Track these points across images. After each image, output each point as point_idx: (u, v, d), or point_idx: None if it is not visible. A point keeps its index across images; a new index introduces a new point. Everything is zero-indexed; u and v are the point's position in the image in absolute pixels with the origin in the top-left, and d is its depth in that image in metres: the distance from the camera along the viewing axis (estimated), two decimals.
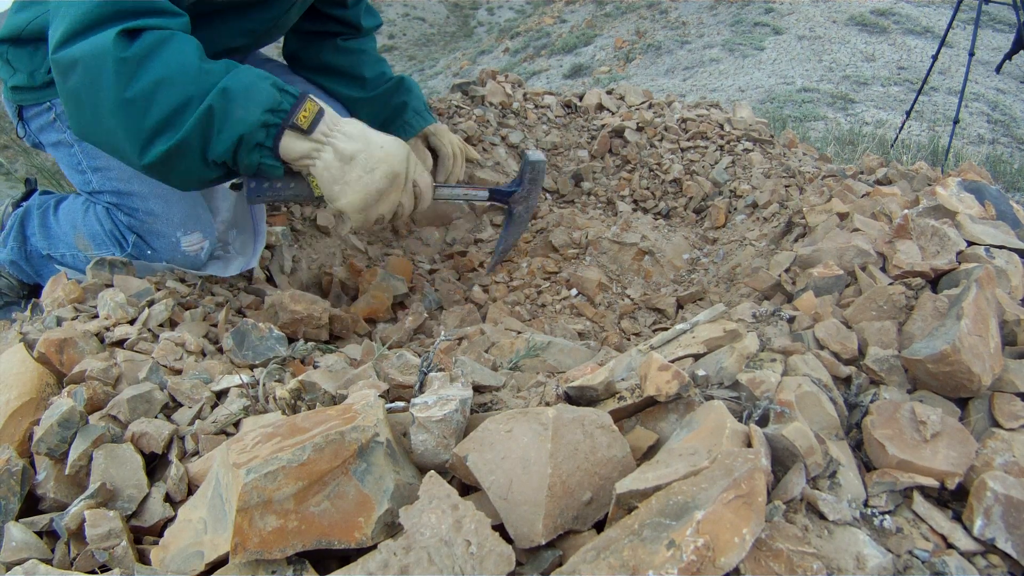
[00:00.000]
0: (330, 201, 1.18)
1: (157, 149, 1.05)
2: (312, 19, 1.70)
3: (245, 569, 0.64)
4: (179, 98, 1.04)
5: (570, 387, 0.85)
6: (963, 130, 5.78)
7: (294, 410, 0.87)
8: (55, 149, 1.45)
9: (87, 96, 1.04)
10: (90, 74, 1.02)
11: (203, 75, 1.05)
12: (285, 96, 1.10)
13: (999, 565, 0.68)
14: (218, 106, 1.05)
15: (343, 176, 1.15)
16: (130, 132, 1.05)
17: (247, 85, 1.07)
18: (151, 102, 1.03)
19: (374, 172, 1.15)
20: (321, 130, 1.12)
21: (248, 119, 1.06)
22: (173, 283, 1.30)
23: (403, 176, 1.20)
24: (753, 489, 0.58)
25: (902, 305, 0.98)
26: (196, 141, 1.06)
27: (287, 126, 1.09)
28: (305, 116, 1.11)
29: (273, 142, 1.09)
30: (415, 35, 16.13)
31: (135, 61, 1.02)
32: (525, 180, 1.58)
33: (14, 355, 1.00)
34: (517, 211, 1.62)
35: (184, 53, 1.05)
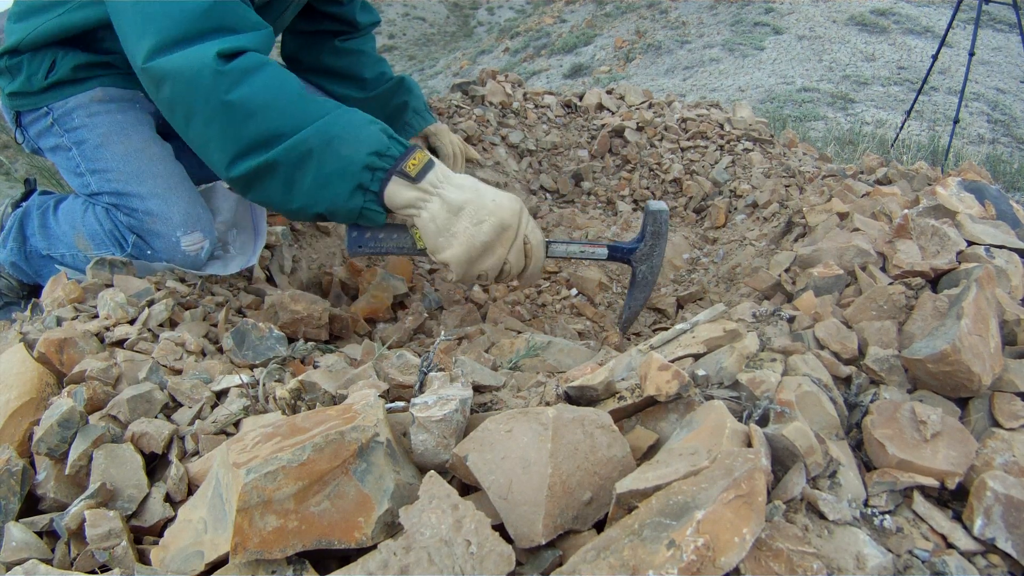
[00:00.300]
0: (433, 253, 1.15)
1: (245, 165, 1.04)
2: (308, 19, 1.70)
3: (245, 569, 0.64)
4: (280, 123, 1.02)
5: (570, 387, 0.85)
6: (963, 130, 5.78)
7: (294, 410, 0.87)
8: (53, 153, 1.46)
9: (183, 103, 1.04)
10: (187, 83, 1.02)
11: (307, 105, 1.04)
12: (394, 143, 1.09)
13: (999, 565, 0.68)
14: (319, 139, 1.03)
15: (449, 227, 1.10)
16: (226, 140, 1.04)
17: (354, 124, 1.06)
18: (253, 115, 1.02)
19: (482, 224, 1.10)
20: (430, 180, 1.09)
21: (353, 158, 1.04)
22: (173, 283, 1.30)
23: (513, 230, 1.14)
24: (753, 489, 0.58)
25: (902, 305, 0.98)
26: (285, 168, 1.04)
27: (395, 172, 1.07)
28: (414, 164, 1.08)
29: (379, 186, 1.07)
30: (415, 35, 16.13)
31: (238, 73, 1.01)
32: (647, 234, 1.35)
33: (14, 355, 1.00)
34: (640, 271, 1.38)
35: (287, 82, 1.05)
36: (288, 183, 1.06)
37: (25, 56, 1.36)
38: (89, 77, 1.37)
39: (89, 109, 1.38)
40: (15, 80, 1.38)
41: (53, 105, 1.39)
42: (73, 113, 1.39)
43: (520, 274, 1.21)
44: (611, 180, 2.16)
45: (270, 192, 1.09)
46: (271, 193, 1.09)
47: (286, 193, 1.08)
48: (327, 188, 1.06)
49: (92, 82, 1.37)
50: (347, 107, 1.11)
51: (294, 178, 1.06)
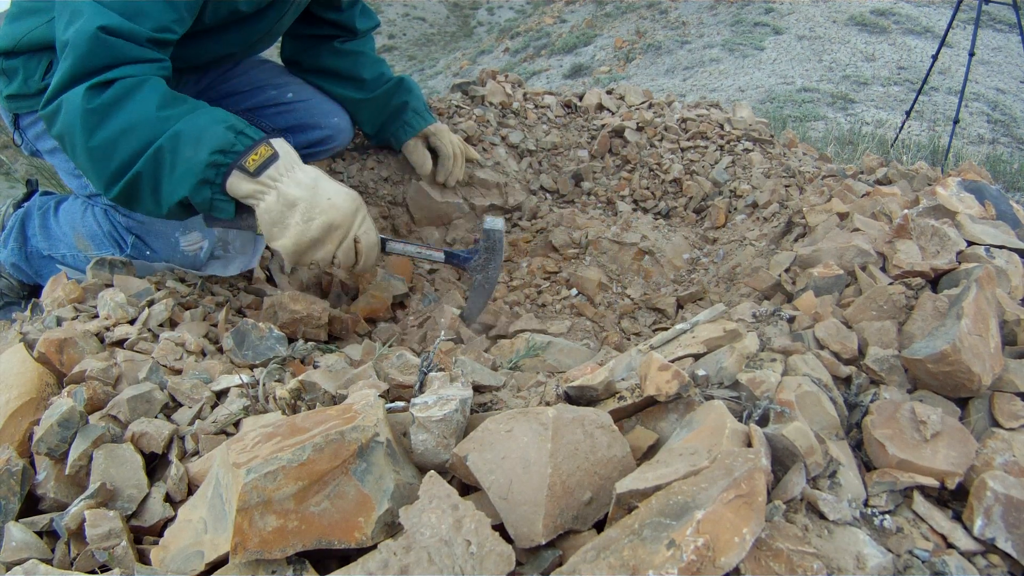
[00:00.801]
0: (268, 240, 1.22)
1: (117, 187, 1.16)
2: (308, 23, 1.70)
3: (245, 569, 0.64)
4: (136, 145, 1.13)
5: (570, 387, 0.85)
6: (963, 130, 5.78)
7: (294, 410, 0.87)
8: (52, 156, 1.46)
9: (67, 141, 1.16)
10: (65, 125, 1.14)
11: (160, 122, 1.13)
12: (240, 138, 1.16)
13: (999, 565, 0.68)
14: (168, 146, 1.13)
15: (282, 220, 1.18)
16: (97, 173, 1.17)
17: (200, 127, 1.14)
18: (113, 149, 1.13)
19: (311, 222, 1.18)
20: (269, 174, 1.16)
21: (196, 159, 1.13)
22: (173, 283, 1.30)
23: (342, 230, 1.22)
24: (753, 489, 0.58)
25: (902, 305, 0.98)
26: (148, 178, 1.15)
27: (235, 167, 1.14)
28: (255, 159, 1.16)
29: (222, 180, 1.15)
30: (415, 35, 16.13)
31: (100, 111, 1.12)
32: (481, 249, 1.47)
33: (14, 355, 1.00)
34: (476, 279, 1.49)
35: (146, 102, 1.14)
36: (154, 189, 1.16)
37: (22, 58, 1.36)
38: None
39: None
40: (12, 82, 1.38)
41: None
42: None
43: (351, 267, 1.31)
44: (611, 180, 2.16)
45: (145, 202, 1.18)
46: (146, 203, 1.18)
47: (156, 199, 1.17)
48: (179, 187, 1.15)
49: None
50: (204, 109, 1.19)
51: (157, 183, 1.15)
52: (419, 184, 1.90)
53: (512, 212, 2.04)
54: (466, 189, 1.98)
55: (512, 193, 2.02)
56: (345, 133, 1.81)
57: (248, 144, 1.15)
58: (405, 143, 1.82)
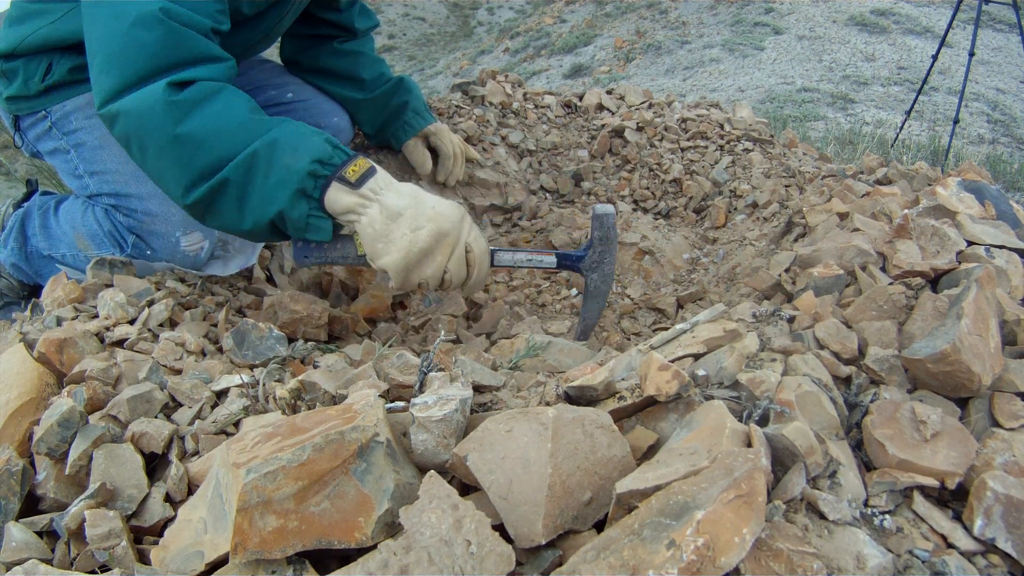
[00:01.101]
0: (372, 259, 1.14)
1: (199, 191, 1.07)
2: (307, 23, 1.70)
3: (245, 569, 0.64)
4: (228, 148, 1.05)
5: (570, 387, 0.85)
6: (963, 130, 5.78)
7: (294, 410, 0.87)
8: (52, 157, 1.46)
9: (136, 139, 1.07)
10: (138, 119, 1.05)
11: (253, 126, 1.06)
12: (337, 152, 1.10)
13: (999, 565, 0.68)
14: (263, 152, 1.05)
15: (387, 233, 1.10)
16: (178, 171, 1.07)
17: (298, 136, 1.08)
18: (200, 147, 1.04)
19: (419, 231, 1.09)
20: (370, 186, 1.10)
21: (295, 166, 1.06)
22: (173, 283, 1.30)
23: (452, 238, 1.13)
24: (753, 489, 0.58)
25: (902, 305, 0.98)
26: (236, 186, 1.07)
27: (335, 178, 1.08)
28: (355, 170, 1.09)
29: (320, 193, 1.08)
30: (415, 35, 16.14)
31: (186, 105, 1.04)
32: (595, 240, 1.29)
33: (14, 355, 1.00)
34: (591, 280, 1.31)
35: (234, 106, 1.07)
36: (240, 199, 1.08)
37: (21, 60, 1.36)
38: (86, 79, 1.37)
39: (87, 111, 1.38)
40: (12, 84, 1.38)
41: (51, 108, 1.39)
42: (71, 116, 1.39)
43: (463, 283, 1.20)
44: (611, 180, 2.16)
45: (225, 213, 1.10)
46: (226, 214, 1.11)
47: (239, 210, 1.09)
48: (273, 198, 1.07)
49: (88, 84, 1.37)
50: (294, 121, 1.13)
51: (244, 192, 1.08)
52: (419, 184, 1.90)
53: (512, 212, 2.04)
54: (466, 189, 1.98)
55: (512, 193, 2.02)
56: (345, 133, 1.81)
57: (345, 158, 1.10)
58: (405, 143, 1.82)
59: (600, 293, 1.33)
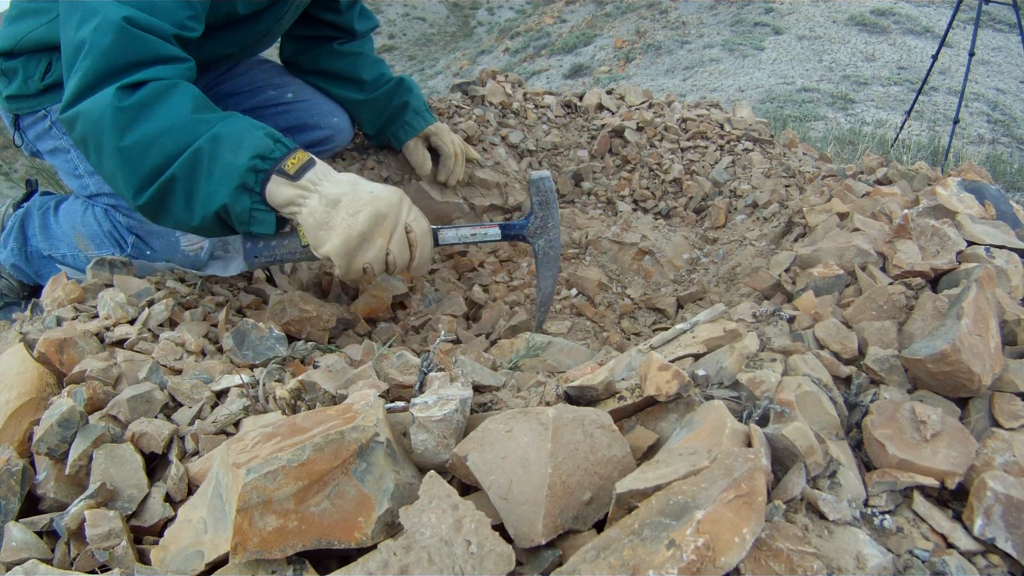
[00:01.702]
0: (315, 249, 1.16)
1: (148, 193, 1.10)
2: (306, 25, 1.70)
3: (245, 569, 0.64)
4: (172, 148, 1.08)
5: (570, 387, 0.85)
6: (963, 130, 5.78)
7: (294, 410, 0.87)
8: (52, 156, 1.46)
9: (92, 143, 1.10)
10: (93, 125, 1.08)
11: (197, 124, 1.09)
12: (278, 145, 1.12)
13: (999, 565, 0.68)
14: (207, 149, 1.08)
15: (327, 220, 1.12)
16: (127, 177, 1.10)
17: (239, 132, 1.10)
18: (146, 152, 1.08)
19: (358, 215, 1.12)
20: (309, 177, 1.12)
21: (237, 162, 1.08)
22: (173, 283, 1.30)
23: (391, 220, 1.16)
24: (753, 489, 0.58)
25: (902, 305, 0.98)
26: (182, 183, 1.09)
27: (274, 171, 1.10)
28: (293, 163, 1.12)
29: (261, 187, 1.10)
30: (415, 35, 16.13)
31: (133, 111, 1.07)
32: (534, 205, 1.31)
33: (14, 355, 1.00)
34: (539, 247, 1.33)
35: (179, 105, 1.09)
36: (187, 195, 1.11)
37: (21, 59, 1.36)
38: None
39: None
40: (12, 83, 1.38)
41: (51, 108, 1.39)
42: None
43: (408, 264, 1.22)
44: (611, 180, 2.16)
45: (175, 211, 1.13)
46: (176, 211, 1.13)
47: (187, 207, 1.12)
48: (217, 193, 1.09)
49: None
50: (238, 116, 1.15)
51: (191, 188, 1.10)
52: (419, 184, 1.90)
53: (512, 212, 2.04)
54: (466, 189, 1.98)
55: (512, 193, 2.02)
56: (345, 133, 1.81)
57: (284, 151, 1.12)
58: (405, 143, 1.82)
59: (550, 259, 1.34)
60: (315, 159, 1.15)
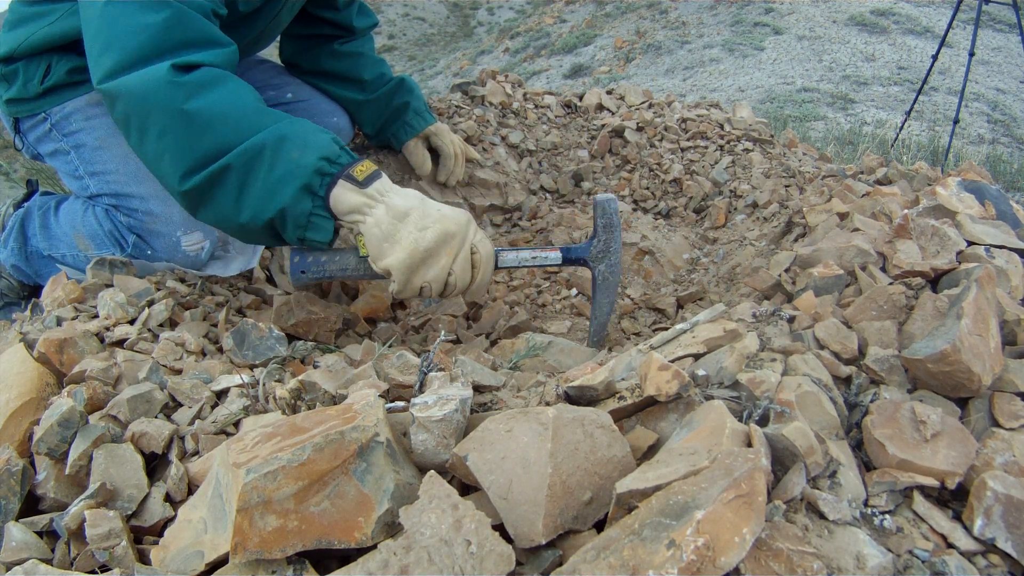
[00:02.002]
0: (375, 260, 1.12)
1: (198, 177, 1.04)
2: (304, 23, 1.70)
3: (245, 569, 0.64)
4: (233, 135, 1.02)
5: (570, 387, 0.85)
6: (963, 130, 5.78)
7: (294, 410, 0.87)
8: (53, 158, 1.46)
9: (135, 121, 1.04)
10: (140, 100, 1.02)
11: (262, 115, 1.05)
12: (344, 152, 1.09)
13: (999, 565, 0.68)
14: (271, 144, 1.03)
15: (393, 233, 1.08)
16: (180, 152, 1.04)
17: (306, 132, 1.06)
18: (208, 128, 1.02)
19: (426, 231, 1.08)
20: (376, 187, 1.09)
21: (303, 161, 1.04)
22: (173, 283, 1.30)
23: (458, 239, 1.11)
24: (753, 489, 0.58)
25: (902, 305, 0.98)
26: (237, 174, 1.04)
27: (342, 176, 1.06)
28: (362, 170, 1.08)
29: (326, 191, 1.06)
30: (415, 35, 16.13)
31: (193, 85, 1.01)
32: (598, 229, 1.27)
33: (14, 355, 1.00)
34: (599, 271, 1.28)
35: (242, 94, 1.05)
36: (240, 188, 1.05)
37: (20, 63, 1.36)
38: (85, 80, 1.37)
39: (86, 112, 1.38)
40: (12, 87, 1.38)
41: (51, 110, 1.40)
42: (71, 117, 1.39)
43: (467, 287, 1.18)
44: (611, 180, 2.16)
45: (222, 204, 1.07)
46: (223, 205, 1.07)
47: (237, 202, 1.06)
48: (276, 192, 1.04)
49: (88, 85, 1.37)
50: (302, 119, 1.11)
51: (246, 182, 1.04)
52: (419, 184, 1.90)
53: (512, 212, 2.04)
54: (466, 189, 1.98)
55: (512, 193, 2.02)
56: (345, 133, 1.81)
57: (351, 159, 1.09)
58: (405, 143, 1.82)
59: (610, 284, 1.30)
60: (380, 171, 1.12)
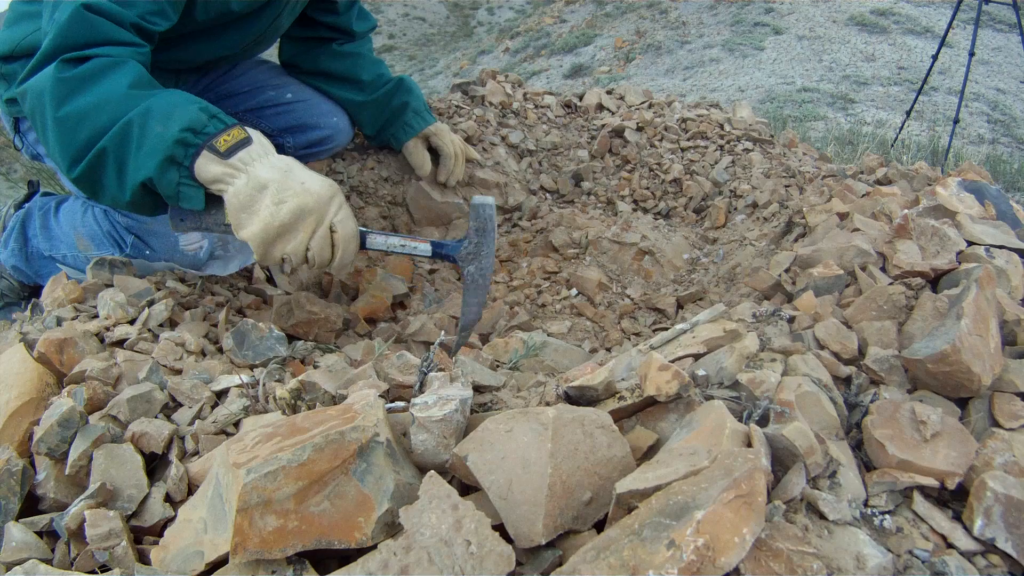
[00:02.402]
0: (236, 230, 1.13)
1: (81, 165, 1.08)
2: (304, 26, 1.70)
3: (245, 569, 0.64)
4: (105, 120, 1.06)
5: (570, 387, 0.85)
6: (963, 130, 5.77)
7: (294, 410, 0.87)
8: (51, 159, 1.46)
9: (37, 116, 1.11)
10: (36, 98, 1.09)
11: (132, 98, 1.08)
12: (213, 121, 1.09)
13: (999, 565, 0.68)
14: (137, 121, 1.06)
15: (251, 204, 1.09)
16: (62, 149, 1.09)
17: (172, 105, 1.08)
18: (80, 123, 1.07)
19: (282, 205, 1.09)
20: (241, 156, 1.09)
21: (165, 135, 1.05)
22: (173, 283, 1.30)
23: (315, 216, 1.12)
24: (753, 489, 0.58)
25: (902, 305, 0.98)
26: (113, 155, 1.07)
27: (205, 147, 1.07)
28: (226, 140, 1.09)
29: (191, 161, 1.08)
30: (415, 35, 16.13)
31: (72, 82, 1.07)
32: (471, 231, 1.26)
33: (14, 355, 1.00)
34: (468, 272, 1.28)
35: (118, 80, 1.09)
36: (119, 168, 1.09)
37: (20, 62, 1.35)
38: None
39: None
40: (12, 86, 1.37)
41: None
42: None
43: (327, 264, 1.19)
44: (611, 180, 2.16)
45: (108, 186, 1.11)
46: (109, 187, 1.11)
47: (119, 181, 1.10)
48: (143, 165, 1.07)
49: None
50: (177, 92, 1.12)
51: (122, 161, 1.08)
52: (419, 184, 1.90)
53: (512, 212, 2.04)
54: (466, 189, 1.98)
55: (512, 193, 2.02)
56: (344, 133, 1.81)
57: (220, 127, 1.09)
58: (405, 143, 1.82)
59: (478, 286, 1.28)
60: (253, 137, 1.11)
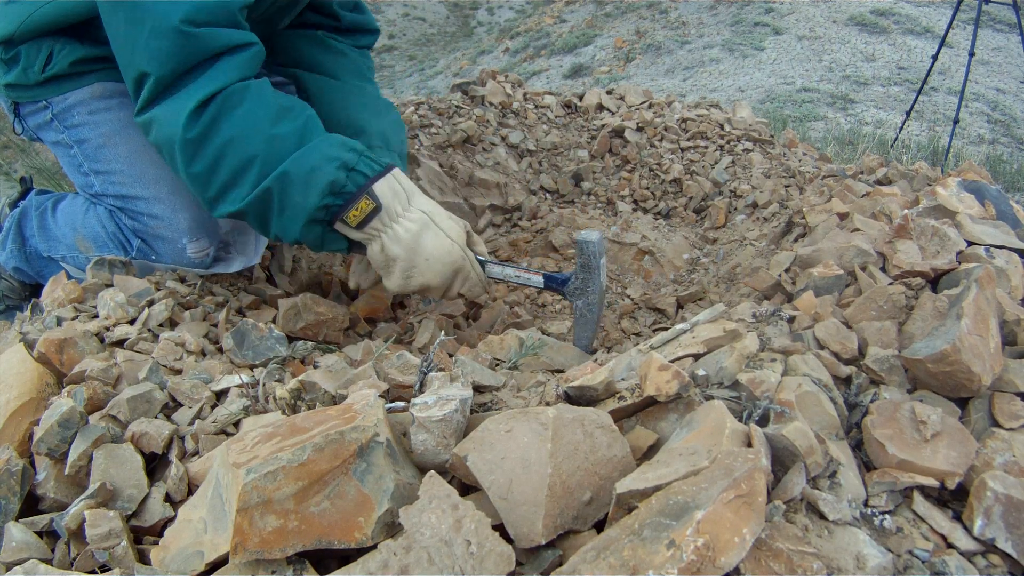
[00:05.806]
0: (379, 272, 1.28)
1: (224, 209, 1.18)
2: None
3: (245, 569, 0.64)
4: (241, 160, 1.12)
5: (570, 387, 0.85)
6: (963, 130, 5.77)
7: (294, 410, 0.87)
8: (55, 148, 1.43)
9: (166, 154, 1.17)
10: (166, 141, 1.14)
11: (272, 141, 1.12)
12: (352, 176, 1.15)
13: (999, 565, 0.68)
14: (276, 188, 1.13)
15: (386, 267, 1.25)
16: (200, 191, 1.18)
17: (310, 168, 1.13)
18: (215, 170, 1.13)
19: (410, 280, 1.24)
20: (373, 226, 1.20)
21: (305, 204, 1.14)
22: (173, 283, 1.30)
23: (443, 287, 1.27)
24: (753, 489, 0.58)
25: (902, 305, 0.98)
26: (255, 217, 1.18)
27: (339, 219, 1.18)
28: (355, 215, 1.17)
29: (331, 220, 1.18)
30: (415, 35, 16.12)
31: (199, 140, 1.11)
32: (577, 267, 1.27)
33: (14, 355, 1.00)
34: (576, 307, 1.29)
35: (255, 115, 1.12)
36: (262, 225, 1.20)
37: (24, 46, 1.31)
38: (88, 71, 1.34)
39: (90, 106, 1.35)
40: (11, 71, 1.34)
41: (52, 100, 1.36)
42: (73, 110, 1.35)
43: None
44: (611, 180, 2.16)
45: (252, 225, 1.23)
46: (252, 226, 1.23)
47: (263, 229, 1.21)
48: (289, 229, 1.18)
49: (91, 76, 1.34)
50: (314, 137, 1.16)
51: (265, 221, 1.19)
52: (419, 184, 1.90)
53: (512, 212, 2.04)
54: (466, 189, 1.98)
55: (512, 193, 2.02)
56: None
57: (360, 183, 1.16)
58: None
59: (586, 320, 1.30)
60: (381, 205, 1.18)
